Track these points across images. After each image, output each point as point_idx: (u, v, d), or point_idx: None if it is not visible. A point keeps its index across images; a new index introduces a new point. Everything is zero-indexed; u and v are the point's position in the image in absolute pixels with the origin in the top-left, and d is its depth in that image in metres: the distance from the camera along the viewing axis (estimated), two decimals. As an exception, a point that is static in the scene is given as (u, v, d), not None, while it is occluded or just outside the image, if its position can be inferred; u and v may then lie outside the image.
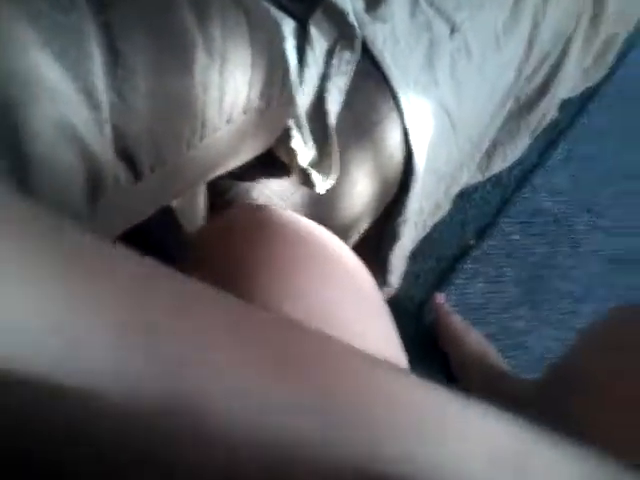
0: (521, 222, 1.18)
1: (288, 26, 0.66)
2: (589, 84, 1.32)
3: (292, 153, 0.61)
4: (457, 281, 1.10)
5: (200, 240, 0.52)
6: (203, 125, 0.43)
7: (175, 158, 0.42)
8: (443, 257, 1.13)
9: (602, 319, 0.75)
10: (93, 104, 0.36)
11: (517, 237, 1.17)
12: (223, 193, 0.63)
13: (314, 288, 0.42)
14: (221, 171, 0.50)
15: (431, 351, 1.04)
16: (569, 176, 1.26)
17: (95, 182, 0.37)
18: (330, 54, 0.67)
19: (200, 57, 0.41)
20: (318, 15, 0.67)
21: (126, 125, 0.38)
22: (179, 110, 0.41)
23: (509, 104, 0.95)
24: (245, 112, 0.47)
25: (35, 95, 0.33)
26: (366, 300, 0.45)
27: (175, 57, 0.40)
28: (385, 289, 0.92)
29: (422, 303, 1.07)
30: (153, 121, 0.39)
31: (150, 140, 0.40)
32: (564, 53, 1.05)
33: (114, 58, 0.37)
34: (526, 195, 1.21)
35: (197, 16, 0.42)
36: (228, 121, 0.46)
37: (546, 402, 0.82)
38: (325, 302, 0.41)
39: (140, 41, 0.38)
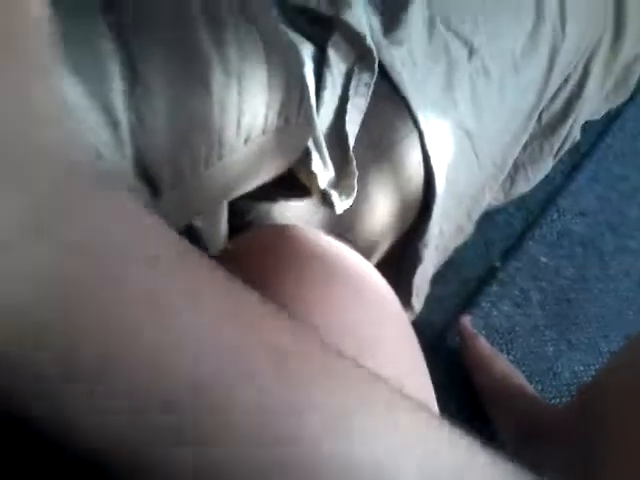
0: (547, 244, 1.16)
1: (307, 50, 0.67)
2: (611, 106, 1.31)
3: (312, 175, 0.61)
4: (482, 304, 1.09)
5: (223, 259, 0.52)
6: (221, 145, 0.44)
7: (193, 177, 0.43)
8: (467, 280, 1.11)
9: (633, 341, 0.73)
10: (113, 124, 0.37)
11: (544, 259, 1.15)
12: (243, 214, 0.63)
13: (345, 308, 0.41)
14: (241, 191, 0.51)
15: (456, 377, 1.02)
16: (595, 197, 1.25)
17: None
18: (348, 76, 0.68)
19: (217, 77, 0.42)
20: (336, 38, 0.68)
21: (145, 145, 0.38)
22: (197, 130, 0.42)
23: (531, 126, 0.95)
24: (263, 132, 0.48)
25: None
26: (395, 322, 0.44)
27: (193, 77, 0.41)
28: (408, 313, 0.91)
29: (446, 327, 1.06)
30: (171, 141, 0.40)
31: (169, 160, 0.40)
32: (585, 76, 1.04)
33: (133, 78, 0.38)
34: (552, 217, 1.19)
35: (213, 37, 0.42)
36: (246, 141, 0.46)
37: (573, 429, 0.79)
38: (356, 322, 0.41)
39: (158, 61, 0.39)
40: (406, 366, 0.43)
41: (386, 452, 0.21)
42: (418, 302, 0.91)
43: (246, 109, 0.45)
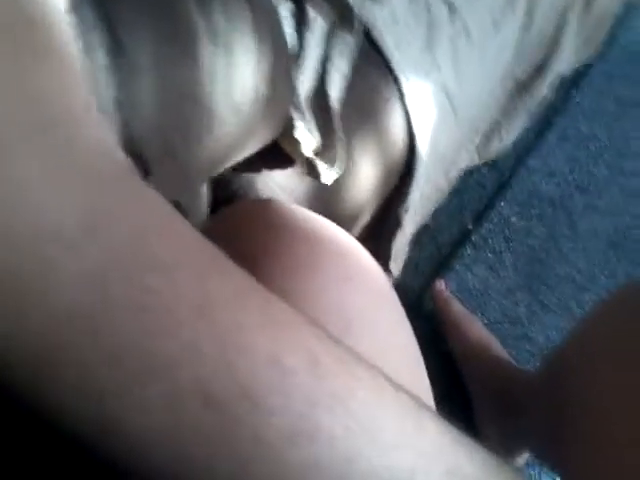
0: (518, 205, 1.17)
1: (285, 7, 0.63)
2: (581, 61, 1.31)
3: (296, 143, 0.58)
4: (457, 267, 1.09)
5: (206, 234, 0.49)
6: (211, 117, 0.40)
7: (184, 152, 0.40)
8: (441, 243, 1.11)
9: (597, 308, 0.73)
10: (98, 98, 0.33)
11: (514, 220, 1.15)
12: (226, 185, 0.60)
13: (332, 288, 0.40)
14: (229, 164, 0.48)
15: (432, 338, 1.02)
16: (564, 157, 1.25)
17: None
18: (330, 37, 0.65)
19: (205, 47, 0.39)
20: (317, -3, 0.64)
21: (132, 120, 0.35)
22: (186, 103, 0.38)
23: (508, 84, 0.93)
24: (253, 102, 0.44)
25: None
26: (384, 300, 0.43)
27: (180, 48, 0.38)
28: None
29: (422, 291, 1.06)
30: (159, 114, 0.37)
31: (157, 134, 0.37)
32: (560, 33, 1.03)
33: (117, 50, 0.34)
34: (523, 177, 1.19)
35: (200, 5, 0.39)
36: (236, 112, 0.43)
37: (545, 393, 0.81)
38: (344, 303, 0.39)
39: (143, 32, 0.36)
40: (399, 348, 0.42)
41: (416, 458, 0.21)
42: (396, 267, 0.90)
43: (235, 79, 0.42)
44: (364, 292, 0.42)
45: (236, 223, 0.47)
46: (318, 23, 0.64)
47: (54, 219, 0.14)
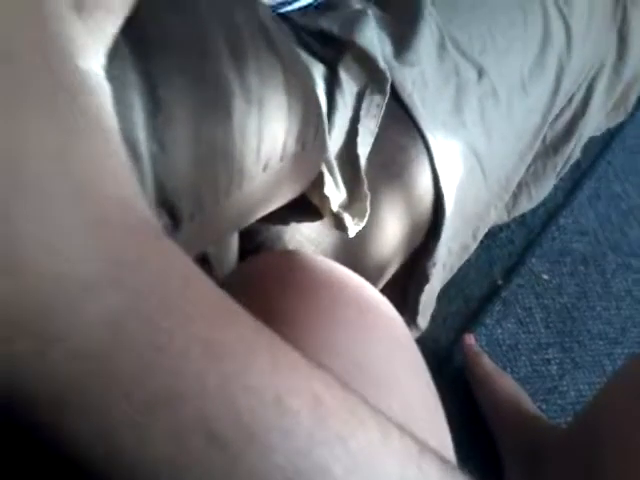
0: (549, 262, 1.16)
1: (318, 71, 0.67)
2: (612, 124, 1.32)
3: (324, 198, 0.60)
4: (486, 322, 1.08)
5: (231, 284, 0.51)
6: (241, 173, 0.43)
7: (213, 206, 0.42)
8: (471, 298, 1.11)
9: (629, 364, 0.73)
10: (135, 155, 0.36)
11: (546, 277, 1.15)
12: (254, 237, 0.62)
13: (353, 343, 0.40)
14: (257, 217, 0.50)
15: (460, 394, 1.02)
16: (596, 215, 1.25)
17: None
18: (360, 98, 0.68)
19: (238, 105, 0.42)
20: (347, 60, 0.67)
21: (167, 175, 0.38)
22: (218, 158, 0.41)
23: (536, 145, 0.95)
24: (282, 159, 0.47)
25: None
26: (405, 354, 0.44)
27: (214, 105, 0.40)
28: (413, 331, 0.90)
29: (450, 345, 1.05)
30: (193, 170, 0.39)
31: (189, 189, 0.39)
32: (589, 96, 1.05)
33: (155, 107, 0.37)
34: (553, 235, 1.19)
35: (234, 63, 0.42)
36: (265, 168, 0.45)
37: (574, 451, 0.79)
38: (364, 358, 0.40)
39: (180, 89, 0.39)
40: (419, 402, 0.42)
41: None
42: (424, 321, 0.91)
43: (266, 136, 0.45)
44: (382, 343, 0.43)
45: (261, 273, 0.48)
46: (349, 85, 0.68)
47: (81, 267, 0.16)
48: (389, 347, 0.43)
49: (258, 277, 0.47)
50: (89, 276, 0.16)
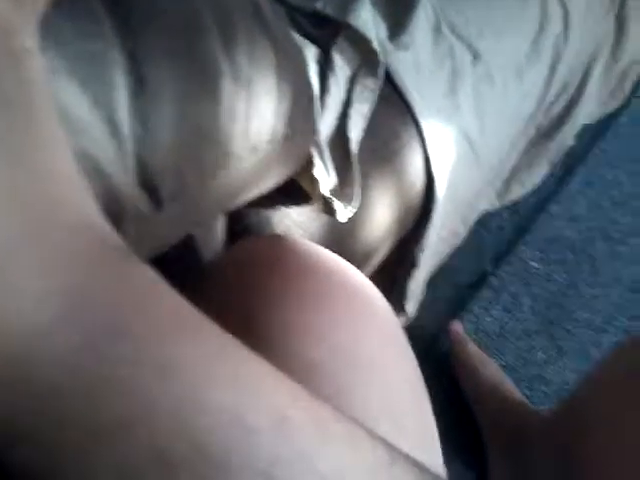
0: (539, 250, 1.16)
1: (310, 52, 0.65)
2: (606, 111, 1.31)
3: (314, 181, 0.59)
4: (474, 309, 1.08)
5: (219, 268, 0.50)
6: (227, 155, 0.42)
7: (197, 188, 0.41)
8: (459, 284, 1.11)
9: (617, 350, 0.73)
10: (117, 135, 0.35)
11: (535, 264, 1.15)
12: (242, 220, 0.61)
13: (339, 327, 0.40)
14: (243, 200, 0.49)
15: (446, 380, 1.02)
16: (587, 203, 1.25)
17: (116, 214, 0.36)
18: (352, 81, 0.66)
19: (226, 85, 0.40)
20: (341, 41, 0.66)
21: (150, 156, 0.37)
22: (204, 140, 0.40)
23: (529, 131, 0.94)
24: (270, 141, 0.46)
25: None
26: (391, 340, 0.43)
27: (201, 85, 0.39)
28: (401, 317, 0.90)
29: (438, 331, 1.05)
30: (177, 151, 0.38)
31: (173, 170, 0.38)
32: (584, 82, 1.04)
33: (139, 87, 0.36)
34: (543, 222, 1.19)
35: (224, 43, 0.41)
36: (253, 151, 0.44)
37: (557, 436, 0.80)
38: (350, 342, 0.40)
39: (166, 69, 0.37)
40: (405, 388, 0.42)
41: None
42: (412, 307, 0.91)
43: (254, 118, 0.43)
44: (371, 330, 0.43)
45: (248, 257, 0.48)
46: (342, 68, 0.67)
47: (35, 311, 0.15)
48: (375, 332, 0.43)
49: (246, 261, 0.46)
50: (43, 318, 0.16)
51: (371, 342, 0.42)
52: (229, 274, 0.47)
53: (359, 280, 0.45)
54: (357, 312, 0.43)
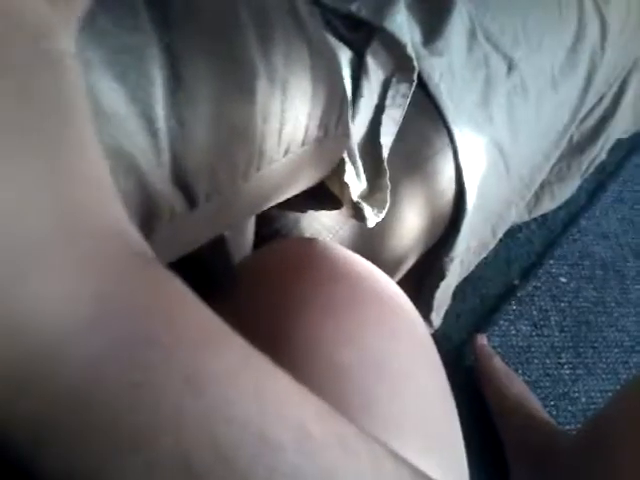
0: (568, 265, 1.14)
1: (345, 55, 0.65)
2: (640, 126, 1.29)
3: (344, 186, 0.59)
4: (500, 322, 1.06)
5: (250, 269, 0.50)
6: (261, 156, 0.41)
7: (231, 188, 0.40)
8: (486, 296, 1.09)
9: None
10: (152, 131, 0.34)
11: (564, 280, 1.13)
12: (271, 223, 0.61)
13: (369, 333, 0.39)
14: (275, 202, 0.49)
15: (470, 394, 1.00)
16: (618, 219, 1.22)
17: (150, 212, 0.35)
18: (386, 85, 0.66)
19: (262, 85, 0.40)
20: (375, 45, 0.65)
21: (184, 153, 0.36)
22: (238, 139, 0.39)
23: (562, 144, 0.92)
24: (303, 144, 0.45)
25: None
26: (422, 349, 0.42)
27: (237, 85, 0.39)
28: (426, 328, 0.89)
29: (463, 343, 1.04)
30: (211, 150, 0.38)
31: (207, 169, 0.38)
32: (620, 95, 1.02)
33: (176, 83, 0.36)
34: (574, 237, 1.17)
35: (261, 43, 0.40)
36: (286, 152, 0.44)
37: (583, 457, 0.78)
38: (380, 350, 0.39)
39: (203, 67, 0.37)
40: (435, 399, 0.41)
41: None
42: (437, 318, 0.89)
43: (288, 119, 0.43)
44: (401, 338, 0.42)
45: (280, 259, 0.47)
46: (376, 72, 0.66)
47: (63, 313, 0.15)
48: (407, 342, 0.42)
49: (277, 263, 0.46)
50: (72, 321, 0.15)
51: (401, 350, 0.41)
52: (260, 275, 0.47)
53: (391, 288, 0.44)
54: (388, 319, 0.42)
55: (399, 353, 0.41)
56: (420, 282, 0.85)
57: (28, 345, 0.15)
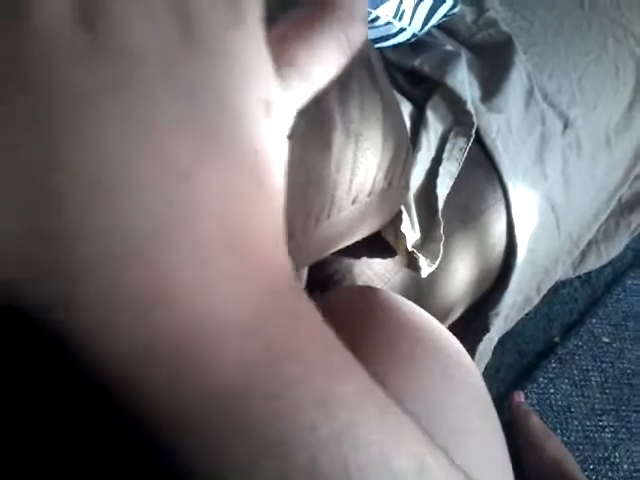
0: (611, 324, 1.12)
1: (405, 109, 0.67)
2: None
3: (400, 236, 0.59)
4: (539, 379, 1.05)
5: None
6: (332, 204, 0.42)
7: (302, 234, 0.41)
8: (526, 353, 1.08)
9: None
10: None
11: (606, 340, 1.11)
12: (324, 268, 0.62)
13: (432, 391, 0.39)
14: (336, 249, 0.49)
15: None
16: (665, 281, 1.20)
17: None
18: (444, 139, 0.67)
19: (338, 136, 0.41)
20: (436, 100, 0.67)
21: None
22: (313, 187, 0.41)
23: (613, 203, 0.92)
24: (370, 194, 0.46)
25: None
26: (482, 408, 0.42)
27: (316, 135, 0.40)
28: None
29: (501, 399, 1.02)
30: (287, 197, 0.39)
31: (285, 215, 0.39)
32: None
33: None
34: (619, 296, 1.15)
35: (339, 96, 0.42)
36: (354, 202, 0.45)
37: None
38: (443, 404, 0.38)
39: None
40: (494, 455, 0.41)
41: None
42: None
43: (359, 170, 0.44)
44: (463, 394, 0.41)
45: (345, 307, 0.47)
46: (435, 125, 0.67)
47: (224, 314, 0.16)
48: (467, 397, 0.42)
49: (342, 310, 0.46)
50: (230, 323, 0.16)
51: (464, 408, 0.41)
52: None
53: (452, 341, 0.44)
54: (450, 376, 0.42)
55: (459, 408, 0.40)
56: (463, 334, 0.84)
57: (195, 333, 0.16)
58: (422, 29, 0.71)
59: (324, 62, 0.23)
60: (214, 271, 0.16)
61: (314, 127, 0.40)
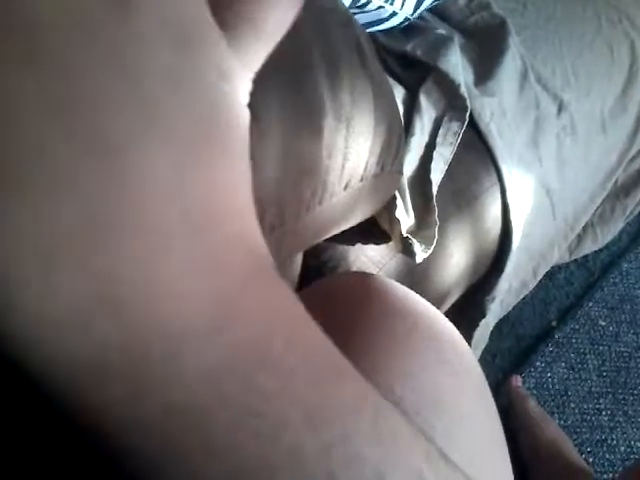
0: (608, 308, 1.12)
1: (398, 93, 0.66)
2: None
3: (394, 221, 0.59)
4: (536, 363, 1.05)
5: (309, 300, 0.50)
6: (324, 189, 0.42)
7: (293, 220, 0.41)
8: (522, 337, 1.08)
9: None
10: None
11: (603, 323, 1.11)
12: (318, 254, 0.62)
13: (427, 370, 0.39)
14: (329, 235, 0.49)
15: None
16: (661, 263, 1.20)
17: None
18: (437, 124, 0.66)
19: (329, 122, 0.41)
20: (429, 84, 0.66)
21: (253, 187, 0.37)
22: (305, 173, 0.40)
23: (608, 187, 0.92)
24: (362, 179, 0.46)
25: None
26: (477, 390, 0.42)
27: (307, 122, 0.40)
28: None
29: (498, 384, 1.02)
30: (279, 183, 0.39)
31: (274, 201, 0.39)
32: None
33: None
34: (615, 280, 1.15)
35: (329, 81, 0.41)
36: (346, 187, 0.45)
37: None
38: (437, 387, 0.39)
39: (275, 103, 0.38)
40: (490, 439, 0.41)
41: None
42: (475, 356, 0.88)
43: (351, 155, 0.44)
44: (458, 376, 0.41)
45: (340, 292, 0.47)
46: (428, 110, 0.67)
47: (182, 318, 0.14)
48: (462, 380, 0.42)
49: (333, 297, 0.46)
50: (189, 327, 0.14)
51: (459, 391, 0.41)
52: (319, 307, 0.47)
53: (447, 326, 0.44)
54: (446, 361, 0.42)
55: (456, 391, 0.40)
56: (459, 320, 0.84)
57: (148, 342, 0.14)
58: (414, 13, 0.71)
59: (276, 5, 0.21)
60: (164, 264, 0.14)
61: (304, 112, 0.39)
